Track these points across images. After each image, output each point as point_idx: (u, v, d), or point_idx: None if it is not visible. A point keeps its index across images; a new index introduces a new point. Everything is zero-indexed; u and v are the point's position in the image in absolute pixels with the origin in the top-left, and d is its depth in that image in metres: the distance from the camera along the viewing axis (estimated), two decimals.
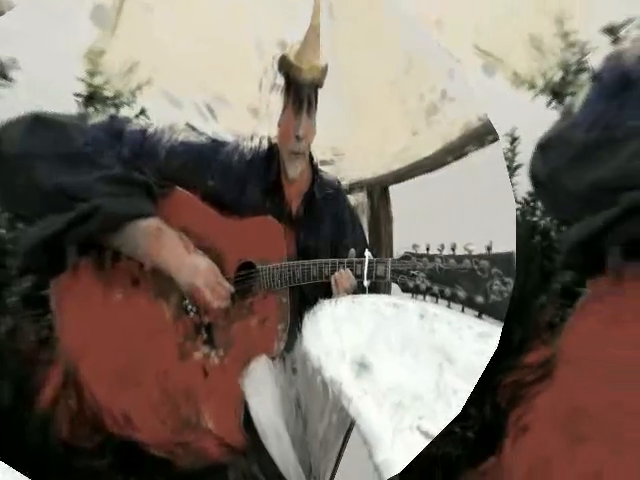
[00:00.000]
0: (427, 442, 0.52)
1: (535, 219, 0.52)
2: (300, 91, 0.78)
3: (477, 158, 0.81)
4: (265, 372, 0.71)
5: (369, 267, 0.71)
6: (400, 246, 0.73)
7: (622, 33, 0.43)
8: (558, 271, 0.49)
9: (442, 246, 0.65)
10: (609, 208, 0.36)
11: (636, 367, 0.39)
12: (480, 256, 0.61)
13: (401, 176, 0.97)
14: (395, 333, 0.61)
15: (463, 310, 0.62)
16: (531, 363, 0.49)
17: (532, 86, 0.54)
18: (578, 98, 0.45)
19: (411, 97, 0.91)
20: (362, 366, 0.60)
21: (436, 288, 0.65)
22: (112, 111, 0.94)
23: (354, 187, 0.99)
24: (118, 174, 0.68)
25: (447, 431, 0.54)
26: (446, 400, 0.56)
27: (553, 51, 0.52)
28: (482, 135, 0.77)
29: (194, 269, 0.69)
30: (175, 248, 0.69)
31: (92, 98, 0.92)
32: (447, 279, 0.65)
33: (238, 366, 0.68)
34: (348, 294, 0.71)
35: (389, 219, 0.99)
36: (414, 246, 0.68)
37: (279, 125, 0.82)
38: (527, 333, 0.52)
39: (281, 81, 0.80)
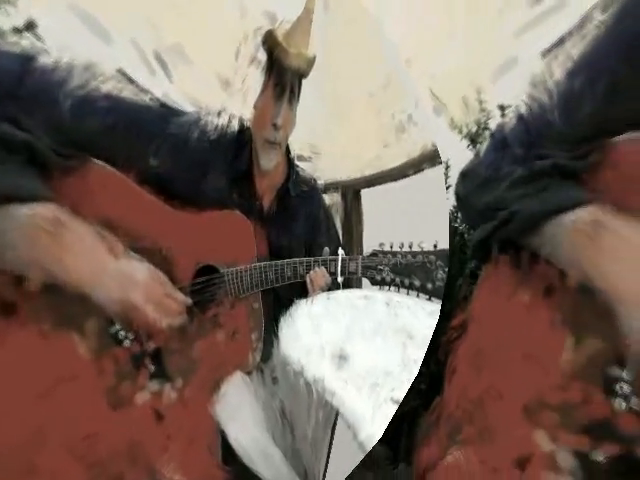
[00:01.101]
0: (397, 407, 0.58)
1: (456, 225, 0.74)
2: (283, 75, 0.69)
3: (430, 174, 0.92)
4: (241, 391, 0.64)
5: (342, 264, 0.72)
6: (369, 245, 0.78)
7: (507, 111, 0.65)
8: (468, 261, 0.70)
9: (402, 244, 0.73)
10: (492, 221, 0.58)
11: (510, 318, 0.61)
12: (429, 252, 0.71)
13: (372, 182, 1.00)
14: (367, 322, 0.64)
15: (418, 295, 0.71)
16: (455, 325, 0.60)
17: (460, 131, 0.76)
18: (482, 147, 0.66)
19: (385, 112, 0.94)
20: (342, 358, 0.61)
21: (398, 279, 0.72)
22: None
23: (329, 187, 0.99)
24: None
25: (409, 390, 0.62)
26: (409, 369, 0.63)
27: (473, 111, 0.74)
28: (434, 158, 0.90)
29: (126, 279, 0.50)
30: (89, 251, 0.48)
31: None
32: (406, 271, 0.72)
33: (206, 394, 0.57)
34: (323, 291, 0.71)
35: (360, 220, 1.02)
36: (380, 244, 0.74)
37: (255, 107, 0.72)
38: (452, 305, 0.68)
39: (263, 57, 0.70)
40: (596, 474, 0.39)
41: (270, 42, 0.68)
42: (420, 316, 0.68)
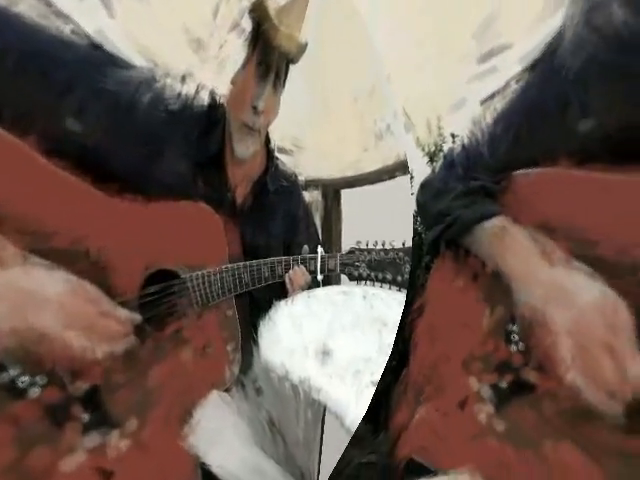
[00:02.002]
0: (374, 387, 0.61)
1: (416, 226, 0.92)
2: (269, 54, 0.62)
3: (401, 182, 0.98)
4: (221, 412, 0.58)
5: (322, 262, 0.73)
6: (346, 243, 0.81)
7: (456, 139, 0.84)
8: (424, 256, 0.88)
9: (376, 242, 0.78)
10: (441, 224, 0.75)
11: (452, 298, 0.78)
12: (399, 249, 0.77)
13: (351, 183, 1.02)
14: (347, 315, 0.67)
15: (390, 287, 0.77)
16: (415, 308, 0.71)
17: (423, 149, 0.94)
18: (437, 164, 0.83)
19: (368, 118, 0.95)
20: (325, 354, 0.62)
21: (373, 274, 0.76)
22: None
23: (310, 184, 0.98)
24: None
25: (384, 369, 0.67)
26: (385, 353, 0.68)
27: (433, 134, 0.91)
28: (405, 167, 0.97)
29: (29, 300, 0.35)
30: None
31: None
32: (380, 267, 0.76)
33: (173, 428, 0.48)
34: (303, 290, 0.70)
35: (339, 219, 1.03)
36: (357, 242, 0.77)
37: (233, 83, 0.65)
38: (414, 293, 0.76)
39: (248, 27, 0.62)
40: (502, 396, 0.57)
41: (259, 13, 0.59)
42: (392, 305, 0.73)
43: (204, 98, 0.63)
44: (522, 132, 0.59)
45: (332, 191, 1.02)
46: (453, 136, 0.81)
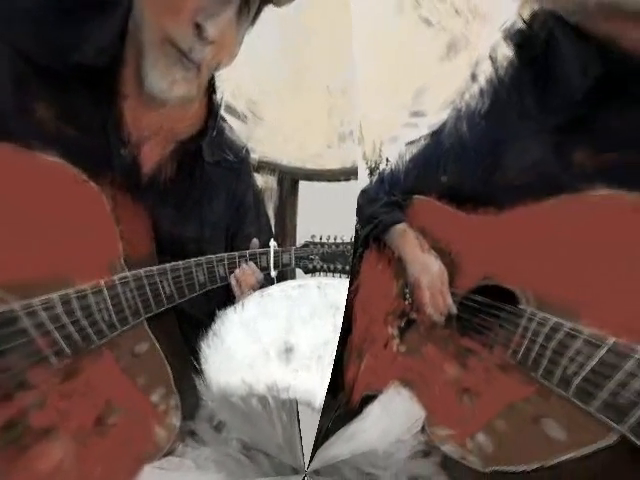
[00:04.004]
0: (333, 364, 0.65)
1: (356, 225, 1.23)
2: None
3: (352, 185, 1.03)
4: None
5: (275, 257, 0.70)
6: (301, 236, 0.87)
7: (388, 163, 1.18)
8: (359, 248, 1.12)
9: (329, 237, 0.86)
10: (371, 225, 1.05)
11: (377, 278, 1.11)
12: (347, 243, 0.86)
13: (310, 176, 1.02)
14: (304, 308, 0.68)
15: (340, 276, 0.86)
16: (353, 289, 0.90)
17: (366, 163, 1.21)
18: (374, 178, 1.07)
19: (336, 115, 0.95)
20: (288, 350, 0.61)
21: (325, 266, 0.83)
22: None
23: (264, 167, 0.89)
24: None
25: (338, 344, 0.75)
26: (339, 329, 0.72)
27: (375, 154, 1.18)
28: (356, 173, 1.02)
29: None
30: None
31: None
32: (332, 258, 0.83)
33: None
34: (255, 290, 0.66)
35: (295, 211, 1.03)
36: (312, 236, 0.83)
37: None
38: (352, 278, 0.93)
39: None
40: (402, 331, 0.91)
41: None
42: (342, 291, 0.78)
43: None
44: (419, 172, 0.93)
45: (290, 180, 0.98)
46: (387, 160, 1.01)
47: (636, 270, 0.43)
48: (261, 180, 0.86)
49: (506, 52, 0.60)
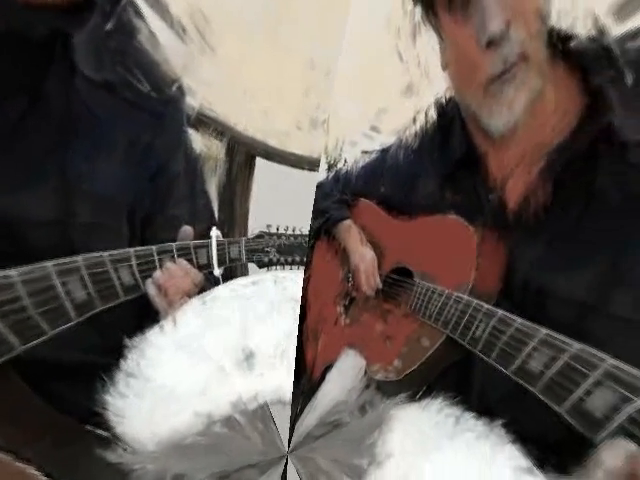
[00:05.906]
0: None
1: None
2: None
3: (314, 176, 1.02)
4: None
5: (220, 251, 0.58)
6: (254, 226, 0.78)
7: (345, 164, 1.35)
8: (312, 239, 1.15)
9: (286, 227, 0.81)
10: (322, 218, 1.16)
11: (325, 267, 1.21)
12: (305, 235, 0.84)
13: (271, 156, 0.90)
14: (260, 305, 0.63)
15: (298, 268, 0.85)
16: (306, 278, 0.94)
17: (327, 158, 1.02)
18: (330, 175, 1.17)
19: (313, 97, 0.86)
20: (248, 357, 0.56)
21: (282, 258, 0.80)
22: None
23: (208, 124, 0.69)
24: None
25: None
26: (298, 320, 0.71)
27: (336, 151, 1.07)
28: (319, 165, 1.01)
29: None
30: None
31: None
32: (289, 250, 0.80)
33: None
34: (191, 297, 0.55)
35: (247, 195, 0.91)
36: (268, 226, 0.77)
37: (446, 65, 0.52)
38: (306, 267, 0.96)
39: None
40: (347, 308, 1.11)
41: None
42: (299, 282, 0.75)
43: (433, 115, 0.63)
44: (367, 179, 1.06)
45: (245, 154, 0.83)
46: (345, 161, 1.10)
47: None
48: (201, 142, 0.68)
49: (433, 114, 0.82)
